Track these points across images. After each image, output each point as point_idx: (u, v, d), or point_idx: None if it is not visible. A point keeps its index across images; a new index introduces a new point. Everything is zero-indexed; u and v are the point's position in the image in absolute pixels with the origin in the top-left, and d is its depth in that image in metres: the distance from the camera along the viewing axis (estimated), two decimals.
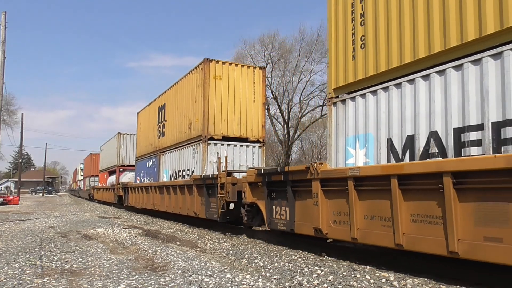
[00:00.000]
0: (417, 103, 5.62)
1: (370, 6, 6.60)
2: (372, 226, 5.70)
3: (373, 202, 5.70)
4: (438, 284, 4.87)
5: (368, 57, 6.52)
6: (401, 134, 5.83)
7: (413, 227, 5.13)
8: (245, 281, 5.11)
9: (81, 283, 5.10)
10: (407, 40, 5.88)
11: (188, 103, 13.54)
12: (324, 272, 5.60)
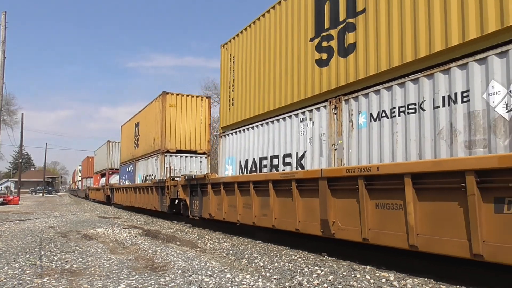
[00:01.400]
0: (253, 141, 9.70)
1: (239, 67, 10.69)
2: (244, 212, 8.90)
3: (241, 197, 9.06)
4: (438, 284, 4.90)
5: (236, 111, 10.77)
6: (248, 157, 10.04)
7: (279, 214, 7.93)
8: (245, 281, 5.18)
9: (81, 283, 5.16)
10: (259, 98, 9.52)
11: (153, 124, 17.78)
12: (324, 272, 5.67)
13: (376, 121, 6.12)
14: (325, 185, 6.43)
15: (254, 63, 9.97)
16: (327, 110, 7.12)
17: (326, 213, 6.45)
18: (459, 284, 4.87)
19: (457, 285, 4.87)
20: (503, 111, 4.46)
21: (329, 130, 7.03)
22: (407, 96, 5.66)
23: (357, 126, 6.49)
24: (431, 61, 5.36)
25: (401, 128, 5.73)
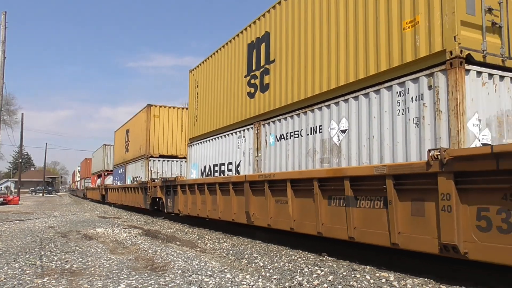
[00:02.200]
0: (214, 150, 12.28)
1: (201, 90, 13.63)
2: (202, 207, 11.77)
3: (199, 196, 11.86)
4: (438, 284, 5.08)
5: (200, 124, 13.55)
6: (206, 164, 12.88)
7: (223, 209, 10.83)
8: (245, 281, 5.35)
9: (81, 283, 5.34)
10: (214, 116, 12.40)
11: (139, 132, 20.73)
12: (324, 272, 5.89)
13: (279, 141, 8.85)
14: (248, 186, 9.19)
15: (210, 88, 12.75)
16: (253, 131, 9.87)
17: (248, 207, 9.21)
18: (459, 284, 5.03)
19: (457, 285, 5.03)
20: (336, 140, 7.17)
21: (253, 146, 9.78)
22: (294, 125, 8.38)
23: (269, 144, 9.22)
24: (305, 103, 8.07)
25: (291, 147, 8.45)
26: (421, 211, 5.30)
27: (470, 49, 5.30)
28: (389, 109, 6.12)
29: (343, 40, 7.13)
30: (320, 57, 7.66)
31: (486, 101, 5.38)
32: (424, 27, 5.61)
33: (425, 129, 5.54)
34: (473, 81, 5.28)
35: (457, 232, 4.79)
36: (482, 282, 5.04)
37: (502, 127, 5.46)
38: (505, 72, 5.60)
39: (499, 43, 5.60)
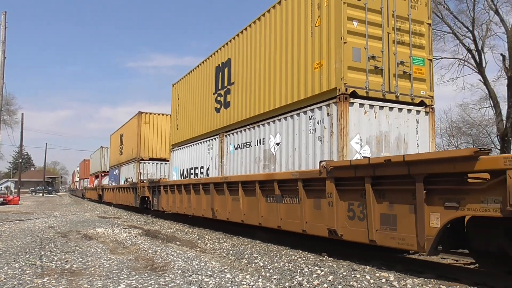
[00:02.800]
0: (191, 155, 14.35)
1: (181, 102, 15.93)
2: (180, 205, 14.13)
3: (178, 195, 14.18)
4: (438, 284, 5.21)
5: (180, 132, 15.79)
6: (184, 168, 15.04)
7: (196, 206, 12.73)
8: (245, 281, 5.47)
9: (81, 283, 5.43)
10: (191, 126, 14.50)
11: (132, 136, 23.03)
12: (324, 272, 6.04)
13: (237, 150, 11.00)
14: (212, 187, 11.35)
15: (188, 101, 14.90)
16: (218, 140, 12.02)
17: (213, 204, 11.37)
18: (459, 284, 5.19)
19: (457, 285, 5.18)
20: (273, 151, 9.31)
21: (219, 153, 11.93)
22: (246, 137, 10.53)
23: (229, 152, 11.37)
24: (254, 119, 10.19)
25: (244, 155, 10.60)
26: (319, 205, 7.45)
27: (355, 87, 7.42)
28: (305, 129, 8.24)
29: (278, 71, 9.26)
30: (264, 83, 9.79)
31: (367, 125, 7.49)
32: (326, 69, 7.73)
33: (325, 145, 7.66)
34: (356, 110, 7.40)
35: (336, 220, 6.93)
36: (482, 282, 5.21)
37: (380, 144, 7.57)
38: (385, 103, 7.71)
39: (380, 81, 7.69)
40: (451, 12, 27.62)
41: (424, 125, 8.06)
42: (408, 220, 5.71)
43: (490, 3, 25.34)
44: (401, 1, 8.07)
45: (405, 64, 7.95)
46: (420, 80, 8.15)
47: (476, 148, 4.77)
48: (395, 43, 7.91)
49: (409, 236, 5.68)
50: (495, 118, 26.80)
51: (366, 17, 7.64)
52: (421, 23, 8.28)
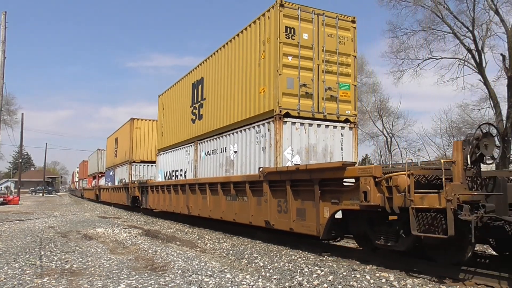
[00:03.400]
0: (173, 159, 16.67)
1: (165, 112, 18.15)
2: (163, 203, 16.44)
3: (162, 194, 16.56)
4: (438, 284, 5.37)
5: (164, 139, 17.96)
6: (167, 170, 17.41)
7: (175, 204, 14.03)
8: (245, 281, 5.60)
9: (81, 283, 5.52)
10: (173, 134, 16.87)
11: (125, 140, 25.58)
12: (324, 272, 6.18)
13: (207, 156, 13.26)
14: (188, 187, 13.61)
15: (171, 112, 17.17)
16: (193, 147, 14.28)
17: (188, 202, 13.64)
18: (459, 284, 5.34)
19: (457, 285, 5.34)
20: (232, 157, 11.56)
21: (193, 158, 14.19)
22: (214, 145, 12.76)
23: (202, 157, 13.63)
24: (220, 131, 12.42)
25: (212, 161, 12.84)
26: (260, 202, 9.68)
27: (289, 109, 9.63)
28: (253, 140, 10.48)
29: (237, 91, 11.47)
30: (227, 100, 12.02)
31: (298, 138, 9.71)
32: (267, 94, 9.95)
33: (266, 154, 9.89)
34: (289, 127, 9.61)
35: (270, 214, 9.17)
36: (482, 282, 5.40)
37: (309, 154, 9.79)
38: (314, 121, 9.90)
39: (310, 104, 9.89)
40: (451, 12, 28.02)
41: (348, 138, 10.27)
42: (311, 213, 7.94)
43: (490, 3, 25.68)
44: (330, 38, 10.28)
45: (332, 89, 10.16)
46: (346, 102, 10.36)
47: (344, 161, 7.00)
48: (324, 72, 10.12)
49: (312, 224, 7.90)
50: (495, 118, 26.76)
51: (299, 53, 9.85)
52: (347, 55, 10.48)
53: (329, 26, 10.29)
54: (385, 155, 49.22)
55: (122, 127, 26.73)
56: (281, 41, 9.68)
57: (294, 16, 9.89)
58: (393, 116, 46.62)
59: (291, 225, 8.49)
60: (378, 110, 47.05)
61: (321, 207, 7.65)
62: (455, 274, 5.86)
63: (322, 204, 7.65)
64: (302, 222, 8.22)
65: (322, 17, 10.24)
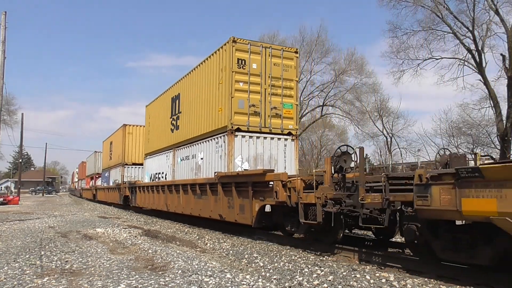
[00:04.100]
0: (156, 163, 19.30)
1: (151, 121, 21.37)
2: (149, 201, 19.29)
3: (148, 194, 19.72)
4: (438, 284, 5.59)
5: (150, 145, 21.06)
6: (152, 172, 20.27)
7: (157, 201, 15.25)
8: (245, 281, 5.79)
9: (81, 283, 5.72)
10: (157, 141, 19.79)
11: (118, 144, 28.77)
12: (324, 272, 6.35)
13: (182, 161, 16.04)
14: (166, 188, 16.40)
15: (155, 121, 19.94)
16: (172, 153, 17.08)
17: (167, 200, 16.43)
18: (459, 284, 5.58)
19: (457, 285, 5.58)
20: (200, 163, 14.34)
21: (172, 163, 16.99)
22: (187, 152, 15.54)
23: (178, 162, 16.42)
24: (191, 140, 15.19)
25: (186, 165, 15.62)
26: (216, 200, 12.44)
27: (240, 125, 12.35)
28: (214, 150, 13.22)
29: (203, 108, 14.21)
30: (196, 115, 14.77)
31: (247, 149, 12.44)
32: (223, 112, 12.68)
33: (222, 161, 12.64)
34: (239, 140, 12.33)
35: (222, 209, 11.94)
36: (482, 282, 5.52)
37: (257, 161, 12.51)
38: (261, 134, 12.61)
39: (258, 120, 12.60)
40: (451, 12, 28.37)
41: (290, 148, 13.00)
42: (248, 207, 10.69)
43: (490, 3, 26.03)
44: (276, 67, 13.00)
45: (277, 109, 12.88)
46: (289, 118, 13.08)
47: (264, 169, 9.76)
48: (270, 94, 12.85)
49: (248, 216, 10.65)
50: (495, 118, 27.17)
51: (249, 80, 12.57)
52: (291, 80, 13.19)
53: (275, 56, 13.01)
54: (385, 155, 50.44)
55: (116, 132, 29.68)
56: (234, 70, 12.41)
57: (245, 50, 12.62)
58: (393, 116, 47.30)
59: (235, 217, 11.26)
60: (378, 110, 47.57)
61: (253, 203, 10.41)
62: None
63: (254, 201, 10.40)
64: (242, 215, 10.98)
65: (269, 50, 12.97)
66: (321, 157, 58.62)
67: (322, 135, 59.42)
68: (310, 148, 60.35)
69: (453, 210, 5.44)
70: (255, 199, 10.39)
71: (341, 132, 57.34)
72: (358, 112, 45.72)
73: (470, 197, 5.24)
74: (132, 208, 24.27)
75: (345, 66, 44.16)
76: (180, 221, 16.69)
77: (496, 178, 4.98)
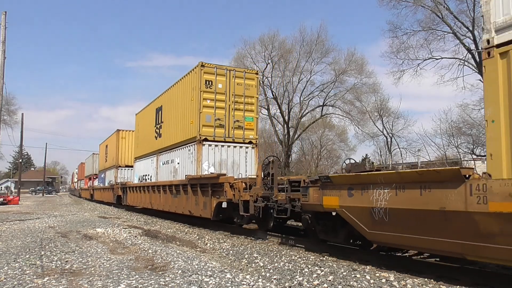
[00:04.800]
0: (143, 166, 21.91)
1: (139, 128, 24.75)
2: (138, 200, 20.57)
3: (136, 193, 20.88)
4: (438, 284, 5.79)
5: (139, 149, 24.42)
6: (140, 174, 23.07)
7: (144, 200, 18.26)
8: (245, 281, 6.00)
9: (81, 283, 5.91)
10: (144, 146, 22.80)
11: (112, 148, 32.06)
12: (324, 272, 6.61)
13: (164, 165, 19.00)
14: (150, 188, 19.38)
15: (143, 128, 22.88)
16: (156, 157, 20.04)
17: (151, 199, 19.39)
18: (459, 284, 5.76)
19: (457, 285, 5.76)
20: (177, 167, 17.30)
21: (156, 166, 19.96)
22: (167, 157, 18.48)
23: (161, 166, 19.40)
24: (171, 147, 18.12)
25: (166, 169, 18.57)
26: (187, 198, 15.40)
27: (207, 136, 15.25)
28: (187, 156, 16.15)
29: (179, 120, 17.15)
30: (174, 125, 17.72)
31: (213, 155, 15.34)
32: (194, 125, 15.59)
33: (193, 166, 15.55)
34: (206, 148, 15.24)
35: (191, 206, 14.91)
36: (482, 282, 5.73)
37: (221, 166, 15.41)
38: (225, 143, 15.53)
39: (223, 132, 15.46)
40: (451, 12, 29.35)
41: (251, 154, 15.90)
42: (208, 204, 13.59)
43: None
44: (239, 86, 15.89)
45: (239, 121, 15.78)
46: (250, 129, 15.98)
47: (218, 173, 12.69)
48: (233, 109, 15.75)
49: (209, 211, 13.55)
50: None
51: (215, 98, 15.46)
52: (252, 97, 16.09)
53: (238, 77, 15.91)
54: (385, 155, 51.68)
55: (111, 136, 32.75)
56: (202, 90, 15.31)
57: (212, 73, 15.54)
58: (393, 116, 48.62)
59: (200, 212, 14.19)
60: (378, 110, 48.89)
61: (212, 200, 13.34)
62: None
63: (212, 199, 13.33)
64: (205, 210, 13.91)
65: (233, 72, 15.88)
66: (321, 157, 60.46)
67: (322, 135, 60.67)
68: (310, 148, 61.69)
69: (319, 204, 8.31)
70: (213, 197, 13.32)
71: (341, 132, 58.65)
72: (358, 112, 47.27)
73: (327, 195, 8.11)
74: (124, 207, 27.20)
75: (345, 66, 45.60)
76: (180, 221, 17.49)
77: (338, 183, 7.85)
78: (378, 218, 6.87)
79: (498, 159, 5.43)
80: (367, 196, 7.05)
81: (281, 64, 47.62)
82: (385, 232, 6.88)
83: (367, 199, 7.05)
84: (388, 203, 6.65)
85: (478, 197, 5.35)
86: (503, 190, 5.08)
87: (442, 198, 5.80)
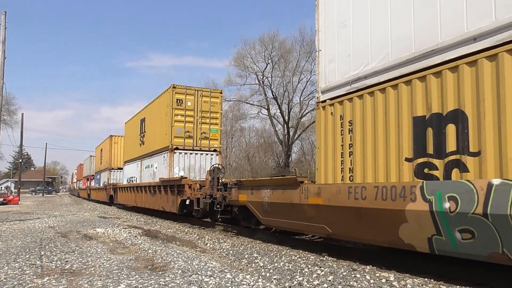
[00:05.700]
0: (131, 169, 22.94)
1: (128, 135, 24.17)
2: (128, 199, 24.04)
3: (126, 193, 25.47)
4: (438, 284, 5.91)
5: (127, 154, 24.08)
6: (128, 176, 26.41)
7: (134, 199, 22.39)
8: (245, 281, 6.14)
9: (81, 283, 6.04)
10: (131, 152, 23.33)
11: (106, 151, 35.90)
12: (324, 272, 6.78)
13: (146, 168, 23.00)
14: (135, 188, 23.42)
15: (131, 136, 26.83)
16: (140, 162, 24.07)
17: (135, 198, 23.46)
18: (459, 284, 5.89)
19: (457, 285, 5.89)
20: (155, 170, 21.36)
21: (140, 169, 23.98)
22: (149, 162, 22.43)
23: (144, 169, 23.41)
24: (152, 153, 22.13)
25: (148, 172, 22.55)
26: (162, 197, 19.43)
27: (178, 145, 19.19)
28: (162, 162, 20.09)
29: (157, 131, 21.11)
30: (152, 135, 21.71)
31: (183, 161, 19.30)
32: (167, 136, 19.54)
33: (167, 170, 19.52)
34: (177, 155, 19.19)
35: (164, 203, 18.92)
36: (482, 282, 5.96)
37: (190, 170, 19.34)
38: (193, 151, 19.46)
39: (191, 142, 19.38)
40: None
41: (215, 160, 19.81)
42: (175, 201, 17.56)
43: None
44: (205, 103, 19.82)
45: (206, 133, 19.71)
46: (214, 140, 19.89)
47: (182, 176, 16.70)
48: (201, 123, 19.69)
49: (175, 207, 17.52)
50: None
51: (185, 113, 19.41)
52: (216, 112, 20.00)
53: (205, 96, 19.85)
54: None
55: (105, 141, 36.70)
56: (174, 107, 19.27)
57: (182, 93, 19.49)
58: None
59: (170, 208, 18.18)
60: None
61: (177, 198, 17.33)
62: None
63: (178, 197, 17.30)
64: (173, 206, 17.89)
65: (200, 92, 19.83)
66: None
67: None
68: (310, 148, 62.87)
69: (237, 200, 12.23)
70: (178, 196, 17.30)
71: None
72: None
73: (241, 193, 12.05)
74: (116, 205, 31.20)
75: None
76: (180, 221, 18.40)
77: (246, 185, 11.79)
78: (265, 208, 10.77)
79: (319, 171, 9.23)
80: (259, 194, 10.93)
81: (281, 64, 49.09)
82: (270, 218, 10.77)
83: (259, 196, 10.93)
84: (269, 198, 10.49)
85: (305, 194, 9.17)
86: (315, 191, 8.93)
87: (291, 195, 9.65)
